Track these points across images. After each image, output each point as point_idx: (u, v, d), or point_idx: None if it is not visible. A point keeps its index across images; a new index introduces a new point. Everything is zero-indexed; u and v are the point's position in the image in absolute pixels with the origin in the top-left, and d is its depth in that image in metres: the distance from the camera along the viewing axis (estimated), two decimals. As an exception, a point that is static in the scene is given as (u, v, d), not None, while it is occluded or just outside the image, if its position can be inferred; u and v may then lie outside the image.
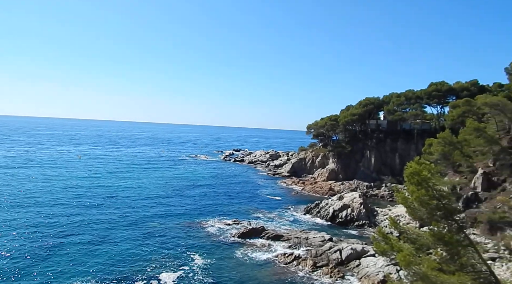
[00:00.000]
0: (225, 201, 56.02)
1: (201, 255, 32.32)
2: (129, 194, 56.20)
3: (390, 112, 74.89)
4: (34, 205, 45.34)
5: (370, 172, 71.84)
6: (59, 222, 39.04)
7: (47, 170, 73.89)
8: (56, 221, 39.31)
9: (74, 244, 33.20)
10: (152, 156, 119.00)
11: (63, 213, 42.77)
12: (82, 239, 34.51)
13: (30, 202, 46.86)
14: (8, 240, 32.95)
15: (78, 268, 28.39)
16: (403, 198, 15.50)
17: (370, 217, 45.99)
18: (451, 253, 13.87)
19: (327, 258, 31.81)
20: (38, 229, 36.47)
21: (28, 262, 28.66)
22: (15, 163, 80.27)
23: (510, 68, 49.41)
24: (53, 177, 65.86)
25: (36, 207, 44.45)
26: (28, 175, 65.83)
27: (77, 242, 33.77)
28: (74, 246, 32.73)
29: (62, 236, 35.03)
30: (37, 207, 44.74)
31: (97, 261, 29.77)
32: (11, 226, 36.85)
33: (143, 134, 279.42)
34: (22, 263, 28.46)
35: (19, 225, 37.19)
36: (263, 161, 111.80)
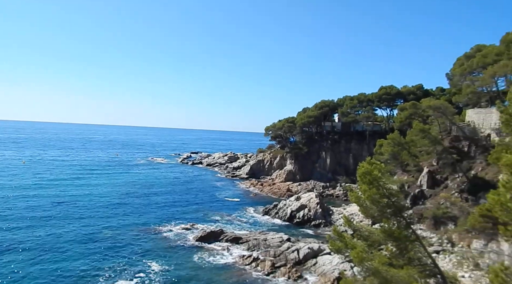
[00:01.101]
0: (183, 205, 54.89)
1: (158, 261, 31.36)
2: (79, 200, 53.13)
3: (344, 115, 77.89)
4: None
5: (326, 172, 74.07)
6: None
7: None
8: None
9: (16, 256, 30.69)
10: (104, 159, 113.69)
11: (2, 223, 39.48)
12: (26, 250, 32.02)
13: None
14: None
15: (20, 278, 26.34)
16: (356, 197, 16.12)
17: (326, 216, 47.35)
18: (400, 248, 14.65)
19: (285, 258, 32.25)
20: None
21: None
22: None
23: (450, 74, 53.34)
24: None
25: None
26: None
27: (20, 254, 31.28)
28: (16, 258, 30.27)
29: (1, 248, 32.32)
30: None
31: (43, 273, 27.80)
32: None
33: (95, 137, 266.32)
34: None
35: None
36: (221, 163, 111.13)
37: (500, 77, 39.79)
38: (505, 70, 36.51)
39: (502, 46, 40.48)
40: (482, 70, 42.30)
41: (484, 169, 34.46)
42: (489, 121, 38.64)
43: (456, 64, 51.11)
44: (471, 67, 45.16)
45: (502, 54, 39.32)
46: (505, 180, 10.48)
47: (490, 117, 38.56)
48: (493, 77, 39.29)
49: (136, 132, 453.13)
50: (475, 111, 42.87)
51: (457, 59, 51.66)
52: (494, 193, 11.07)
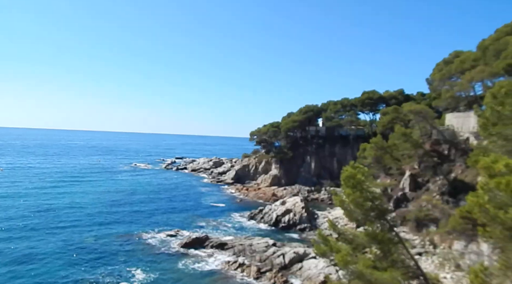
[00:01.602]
0: (167, 211, 54.21)
1: (142, 269, 30.81)
2: (60, 208, 51.79)
3: (328, 119, 78.82)
4: None
5: (310, 176, 74.57)
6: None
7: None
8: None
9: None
10: (86, 166, 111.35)
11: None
12: (3, 262, 30.96)
13: None
14: None
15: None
16: (340, 201, 16.26)
17: (311, 220, 47.58)
18: (383, 250, 14.82)
19: (271, 263, 32.20)
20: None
21: None
22: None
23: (430, 79, 54.71)
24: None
25: None
26: None
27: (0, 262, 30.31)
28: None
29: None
30: None
31: (23, 280, 26.96)
32: None
33: (77, 143, 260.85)
34: None
35: None
36: (206, 169, 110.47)
37: (477, 82, 41.02)
38: (481, 76, 37.67)
39: (479, 52, 41.81)
40: (460, 75, 43.53)
41: (464, 171, 35.38)
42: (468, 125, 39.75)
43: (435, 69, 52.48)
44: (449, 72, 46.43)
45: (479, 60, 40.59)
46: (483, 182, 10.77)
47: (468, 121, 39.68)
48: (471, 82, 40.48)
49: (119, 138, 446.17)
50: (454, 115, 44.05)
51: (436, 65, 53.05)
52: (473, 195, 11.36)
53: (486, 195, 10.34)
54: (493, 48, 37.10)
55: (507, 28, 37.42)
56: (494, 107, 14.66)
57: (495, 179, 9.80)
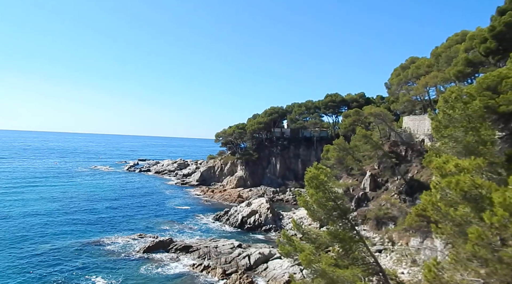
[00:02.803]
0: (130, 215, 52.55)
1: (103, 276, 29.66)
2: (12, 215, 48.58)
3: (292, 121, 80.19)
4: None
5: (276, 178, 75.41)
6: None
7: None
8: None
9: None
10: (42, 169, 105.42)
11: None
12: None
13: None
14: None
15: None
16: (304, 201, 16.61)
17: (276, 221, 48.10)
18: (345, 249, 15.33)
19: (236, 265, 32.19)
20: None
21: None
22: None
23: (389, 83, 57.27)
24: None
25: None
26: None
27: None
28: None
29: None
30: None
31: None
32: None
33: (31, 145, 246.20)
34: None
35: None
36: (171, 171, 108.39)
37: (431, 87, 43.52)
38: (435, 81, 40.01)
39: (432, 59, 44.37)
40: (416, 80, 45.96)
41: (420, 171, 37.35)
42: (423, 128, 42.04)
43: (393, 74, 55.01)
44: (406, 77, 48.88)
45: (433, 66, 43.08)
46: (435, 181, 11.46)
47: (423, 124, 41.97)
48: (425, 87, 42.87)
49: (77, 139, 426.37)
50: (411, 118, 46.42)
51: (394, 70, 55.62)
52: (426, 193, 12.05)
53: (438, 193, 11.01)
54: (445, 55, 39.53)
55: (457, 37, 39.99)
56: (445, 111, 15.64)
57: (446, 178, 10.46)
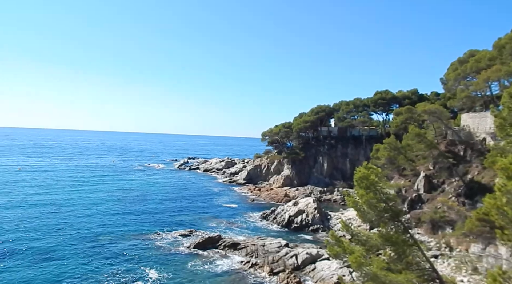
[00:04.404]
0: (180, 211, 54.70)
1: (156, 269, 31.19)
2: (75, 205, 52.91)
3: (340, 120, 78.30)
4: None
5: (323, 177, 74.21)
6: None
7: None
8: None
9: (12, 265, 30.45)
10: (101, 166, 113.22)
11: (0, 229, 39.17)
12: (20, 261, 31.70)
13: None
14: None
15: (19, 283, 26.17)
16: (353, 202, 16.19)
17: (324, 221, 47.36)
18: (398, 252, 14.70)
19: (284, 264, 32.19)
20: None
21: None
22: None
23: (445, 79, 53.82)
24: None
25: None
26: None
27: (14, 257, 31.08)
28: (14, 260, 30.11)
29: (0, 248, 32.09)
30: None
31: (40, 276, 27.60)
32: None
33: (92, 144, 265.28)
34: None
35: None
36: (218, 169, 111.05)
37: (494, 82, 40.23)
38: (498, 75, 36.94)
39: (495, 51, 40.99)
40: (475, 75, 42.75)
41: (480, 172, 34.71)
42: (484, 126, 39.00)
43: (450, 69, 51.61)
44: (464, 72, 45.63)
45: (495, 59, 39.80)
46: (500, 184, 10.60)
47: (485, 122, 38.93)
48: (487, 82, 39.73)
49: (133, 139, 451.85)
50: (470, 115, 43.27)
51: (451, 64, 52.16)
52: (490, 196, 11.20)
53: (504, 197, 10.18)
54: (510, 47, 36.34)
55: (525, 26, 36.54)
56: (511, 107, 14.39)
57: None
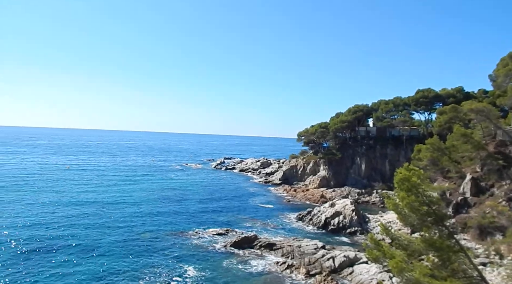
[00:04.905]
0: (216, 210, 55.66)
1: (194, 266, 31.95)
2: (118, 203, 55.53)
3: (379, 119, 75.90)
4: (19, 215, 44.32)
5: (360, 178, 72.35)
6: (45, 232, 38.22)
7: (36, 180, 72.51)
8: (42, 231, 38.47)
9: (61, 254, 32.56)
10: (142, 165, 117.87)
11: (50, 223, 41.86)
12: (70, 249, 33.86)
13: (15, 211, 45.87)
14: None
15: (64, 277, 27.83)
16: (393, 205, 15.64)
17: (362, 223, 46.17)
18: (442, 258, 14.00)
19: (320, 266, 31.76)
20: (24, 238, 35.62)
21: (14, 272, 27.96)
22: (5, 173, 78.58)
23: (494, 75, 50.50)
24: (42, 187, 64.75)
25: (21, 218, 43.40)
26: (19, 185, 64.52)
27: (65, 252, 33.11)
28: (62, 256, 32.09)
29: (49, 246, 34.31)
30: (23, 217, 43.69)
31: (85, 270, 29.22)
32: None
33: (133, 144, 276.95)
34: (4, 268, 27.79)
35: (5, 234, 36.32)
36: (254, 169, 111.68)
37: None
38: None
39: (553, 44, 37.84)
40: (529, 70, 39.74)
41: (535, 175, 32.26)
42: (539, 125, 36.18)
43: (500, 64, 48.30)
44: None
45: (552, 52, 36.75)
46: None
47: (540, 121, 36.11)
48: (543, 77, 36.81)
49: (173, 139, 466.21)
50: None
51: (501, 60, 48.80)
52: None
53: None
54: None
55: None
56: None
57: None
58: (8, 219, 42.86)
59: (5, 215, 44.76)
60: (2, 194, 57.71)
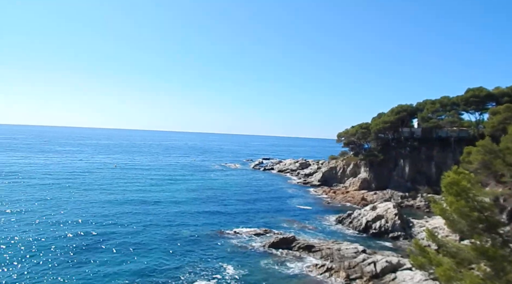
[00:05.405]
0: (255, 210, 56.02)
1: (233, 265, 32.39)
2: (161, 202, 57.54)
3: (424, 120, 72.42)
4: (70, 212, 47.39)
5: (404, 181, 69.51)
6: (93, 229, 40.50)
7: (86, 178, 77.28)
8: (90, 228, 40.85)
9: (108, 249, 34.41)
10: (183, 165, 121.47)
11: (97, 220, 44.27)
12: (116, 245, 35.65)
13: (67, 208, 49.09)
14: (47, 239, 34.63)
15: (111, 272, 29.30)
16: (441, 209, 14.93)
17: (405, 228, 44.36)
18: (495, 268, 13.13)
19: (361, 271, 30.92)
20: (73, 234, 38.02)
21: (63, 264, 29.94)
22: (60, 171, 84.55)
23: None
24: (91, 185, 68.87)
25: (71, 215, 46.33)
26: (71, 182, 69.14)
27: (111, 247, 34.93)
28: (108, 251, 33.89)
29: (97, 240, 36.39)
30: (73, 215, 46.60)
31: (130, 265, 30.63)
32: (46, 229, 38.72)
33: (175, 144, 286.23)
34: (55, 263, 29.80)
35: (54, 229, 39.00)
36: (292, 170, 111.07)
37: None
38: None
39: None
40: None
41: None
42: None
43: None
44: None
45: None
46: None
47: None
48: None
49: (212, 139, 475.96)
50: None
51: None
52: None
53: None
54: None
55: None
56: None
57: None
58: (59, 216, 45.81)
59: (57, 212, 48.03)
60: (56, 191, 61.98)
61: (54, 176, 77.22)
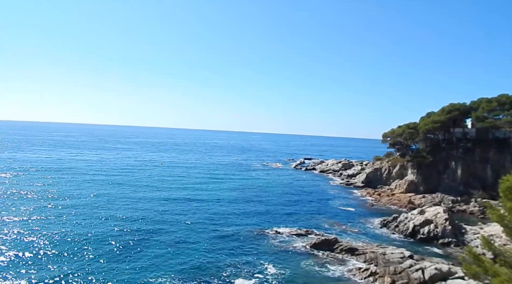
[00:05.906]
0: (296, 210, 55.68)
1: (274, 264, 32.44)
2: (204, 200, 58.89)
3: (479, 120, 67.76)
4: (118, 209, 50.00)
5: (456, 185, 65.56)
6: (138, 225, 42.38)
7: (135, 175, 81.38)
8: (136, 225, 42.80)
9: (154, 245, 35.82)
10: (225, 163, 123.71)
11: (142, 217, 46.03)
12: (162, 241, 37.04)
13: (115, 205, 51.84)
14: (98, 234, 36.86)
15: (157, 267, 30.52)
16: (498, 216, 13.95)
17: (457, 235, 41.83)
18: (562, 282, 12.02)
19: (408, 277, 29.64)
20: (120, 230, 39.98)
21: (113, 257, 31.69)
22: (111, 168, 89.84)
23: None
24: (139, 181, 72.40)
25: (119, 211, 48.84)
26: (121, 179, 73.18)
27: (157, 243, 36.35)
28: (154, 247, 35.28)
29: (145, 236, 38.11)
30: (121, 211, 49.08)
31: (175, 261, 31.74)
32: (98, 224, 41.20)
33: (218, 142, 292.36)
34: (106, 257, 31.59)
35: (105, 224, 41.38)
36: (335, 170, 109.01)
37: None
38: None
39: None
40: None
41: None
42: None
43: None
44: None
45: None
46: None
47: None
48: None
49: (253, 138, 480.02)
50: None
51: None
52: None
53: None
54: None
55: None
56: None
57: None
58: (111, 212, 48.30)
59: (109, 208, 50.89)
60: (108, 187, 65.77)
61: (106, 173, 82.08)
